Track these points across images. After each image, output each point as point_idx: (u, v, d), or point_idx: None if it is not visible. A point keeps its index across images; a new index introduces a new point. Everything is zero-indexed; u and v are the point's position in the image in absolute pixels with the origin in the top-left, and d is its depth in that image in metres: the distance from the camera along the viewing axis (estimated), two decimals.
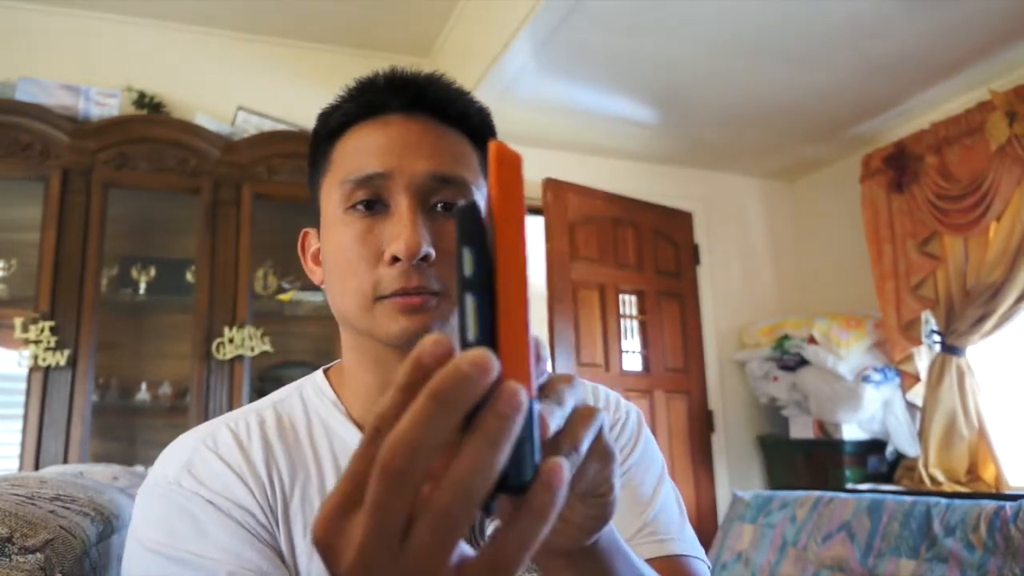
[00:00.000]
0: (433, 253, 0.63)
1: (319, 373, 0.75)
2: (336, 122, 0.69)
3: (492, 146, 0.32)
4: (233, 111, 2.84)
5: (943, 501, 1.93)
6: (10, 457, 2.34)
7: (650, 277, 3.40)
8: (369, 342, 0.67)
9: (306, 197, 0.77)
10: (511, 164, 0.32)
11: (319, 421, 0.70)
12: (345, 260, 0.65)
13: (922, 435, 2.96)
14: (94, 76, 2.75)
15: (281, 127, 2.81)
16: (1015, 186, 2.66)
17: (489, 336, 0.31)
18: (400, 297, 0.63)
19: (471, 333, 0.31)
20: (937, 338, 3.00)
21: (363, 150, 0.66)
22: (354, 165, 0.66)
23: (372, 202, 0.65)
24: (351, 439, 0.68)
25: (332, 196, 0.67)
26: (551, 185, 3.10)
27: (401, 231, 0.62)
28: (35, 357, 2.33)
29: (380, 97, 0.68)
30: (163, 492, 0.62)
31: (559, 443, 0.33)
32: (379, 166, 0.64)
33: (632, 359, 3.32)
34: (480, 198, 0.68)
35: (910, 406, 3.12)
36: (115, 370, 2.63)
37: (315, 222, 0.73)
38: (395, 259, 0.62)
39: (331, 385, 0.73)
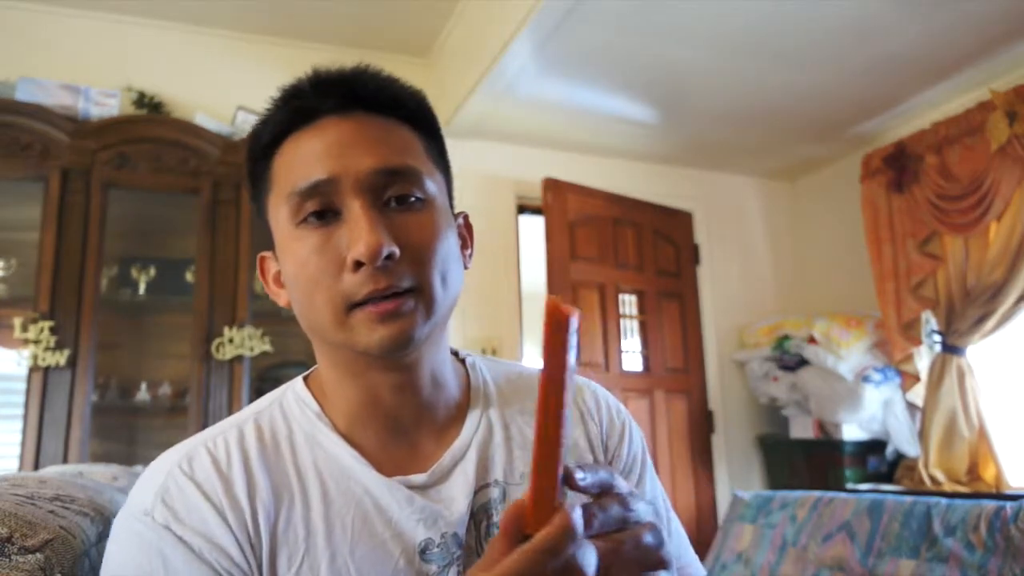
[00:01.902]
0: (397, 250, 0.60)
1: (299, 382, 0.71)
2: (269, 137, 0.66)
3: (548, 303, 0.35)
4: (233, 111, 2.84)
5: (943, 501, 1.93)
6: (10, 457, 2.34)
7: (650, 277, 3.40)
8: (347, 354, 0.64)
9: None
10: (560, 325, 0.34)
11: (303, 434, 0.66)
12: (307, 275, 0.62)
13: (922, 435, 2.96)
14: (94, 76, 2.75)
15: None
16: (1015, 186, 2.66)
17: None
18: (373, 305, 0.60)
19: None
20: (938, 338, 3.00)
21: (302, 159, 0.63)
22: (296, 176, 0.62)
23: (323, 212, 0.62)
24: (337, 452, 0.65)
25: (280, 213, 0.64)
26: (551, 185, 3.10)
27: (359, 233, 0.59)
28: (35, 357, 2.33)
29: (309, 102, 0.65)
30: (136, 525, 0.59)
31: None
32: (322, 172, 0.61)
33: (632, 359, 3.32)
34: (433, 186, 0.65)
35: (910, 406, 3.12)
36: (115, 370, 2.62)
37: (270, 244, 0.70)
38: (359, 264, 0.59)
39: (313, 395, 0.69)
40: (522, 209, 3.40)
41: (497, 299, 3.21)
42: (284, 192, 0.63)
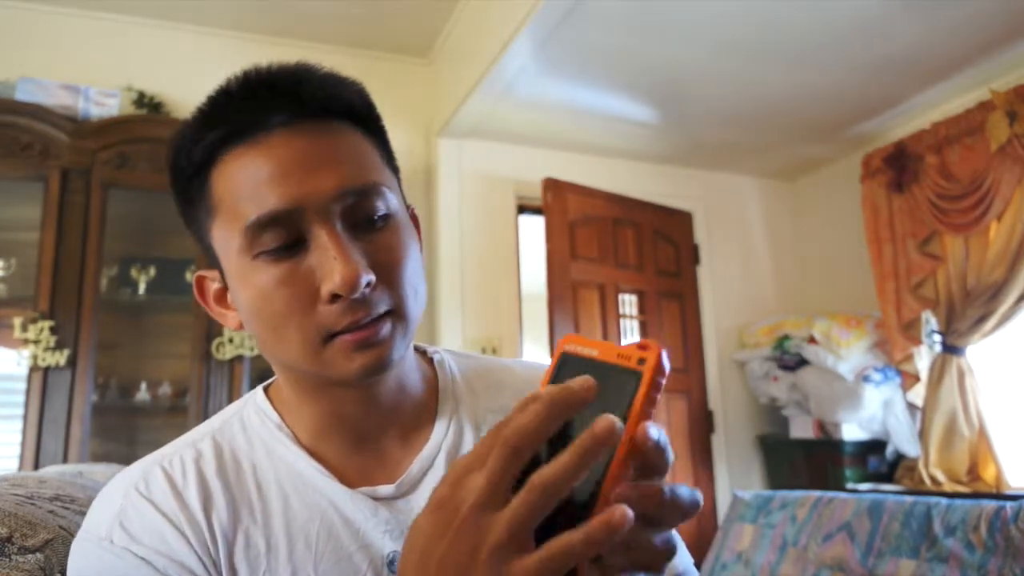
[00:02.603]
0: (374, 277, 0.56)
1: (260, 393, 0.69)
2: (202, 154, 0.59)
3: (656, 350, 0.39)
4: None
5: (943, 501, 1.93)
6: (10, 457, 2.34)
7: (650, 277, 3.40)
8: (312, 377, 0.61)
9: None
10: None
11: (263, 448, 0.64)
12: (273, 309, 0.57)
13: (922, 435, 2.96)
14: (94, 76, 2.75)
15: None
16: (1015, 186, 2.66)
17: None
18: (350, 333, 0.56)
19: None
20: (938, 338, 3.00)
21: (252, 184, 0.56)
22: (249, 205, 0.56)
23: (285, 243, 0.56)
24: (300, 465, 0.63)
25: (232, 242, 0.58)
26: (551, 185, 3.10)
27: (333, 265, 0.54)
28: (35, 357, 2.33)
29: (247, 116, 0.57)
30: (95, 550, 0.57)
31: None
32: (283, 201, 0.55)
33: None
34: (394, 198, 0.61)
35: (910, 406, 3.12)
36: (115, 370, 2.63)
37: (208, 262, 0.65)
38: (335, 296, 0.55)
39: (274, 406, 0.67)
40: (522, 209, 3.40)
41: (497, 299, 3.21)
42: (235, 223, 0.57)
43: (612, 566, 0.39)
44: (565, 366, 0.42)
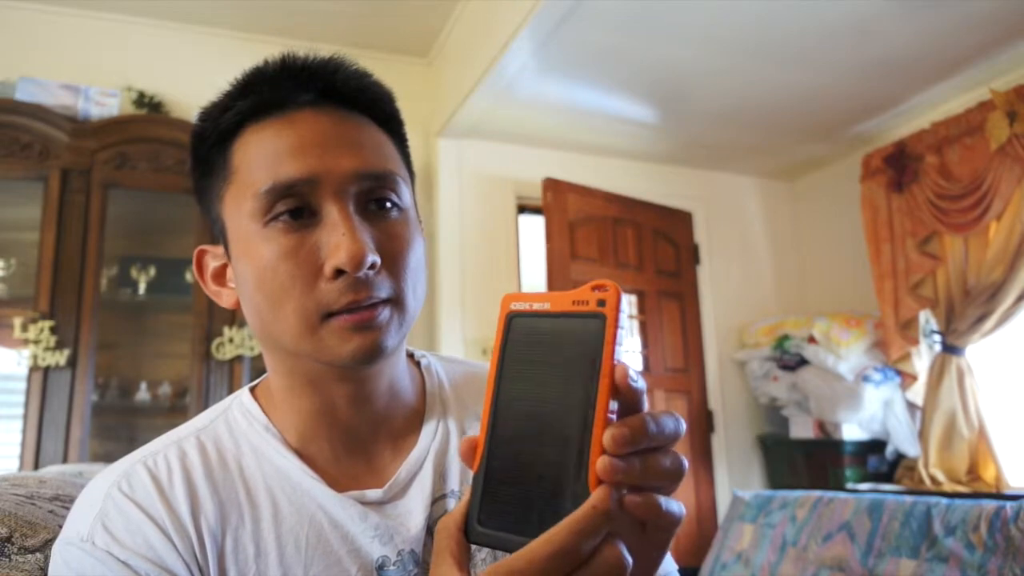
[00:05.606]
0: (379, 260, 0.57)
1: (246, 393, 0.67)
2: (229, 123, 0.61)
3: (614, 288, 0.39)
4: None
5: (943, 501, 1.93)
6: (10, 457, 2.34)
7: (650, 277, 3.40)
8: (305, 363, 0.61)
9: None
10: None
11: (250, 449, 0.63)
12: (275, 281, 0.57)
13: (922, 435, 2.96)
14: (94, 76, 2.75)
15: None
16: (1015, 186, 2.66)
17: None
18: (349, 314, 0.56)
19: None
20: (937, 338, 3.00)
21: (274, 154, 0.58)
22: (267, 172, 0.57)
23: (297, 210, 0.57)
24: (288, 468, 0.62)
25: (243, 209, 0.59)
26: (551, 185, 3.10)
27: (341, 240, 0.55)
28: (35, 357, 2.33)
29: (279, 91, 0.60)
30: (76, 553, 0.55)
31: None
32: (300, 171, 0.57)
33: (632, 359, 3.32)
34: (407, 193, 0.63)
35: (910, 405, 3.12)
36: (115, 370, 2.63)
37: (212, 237, 0.65)
38: (339, 272, 0.56)
39: (260, 406, 0.65)
40: (522, 209, 3.40)
41: (497, 299, 3.19)
42: (251, 187, 0.58)
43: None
44: (516, 329, 0.40)
